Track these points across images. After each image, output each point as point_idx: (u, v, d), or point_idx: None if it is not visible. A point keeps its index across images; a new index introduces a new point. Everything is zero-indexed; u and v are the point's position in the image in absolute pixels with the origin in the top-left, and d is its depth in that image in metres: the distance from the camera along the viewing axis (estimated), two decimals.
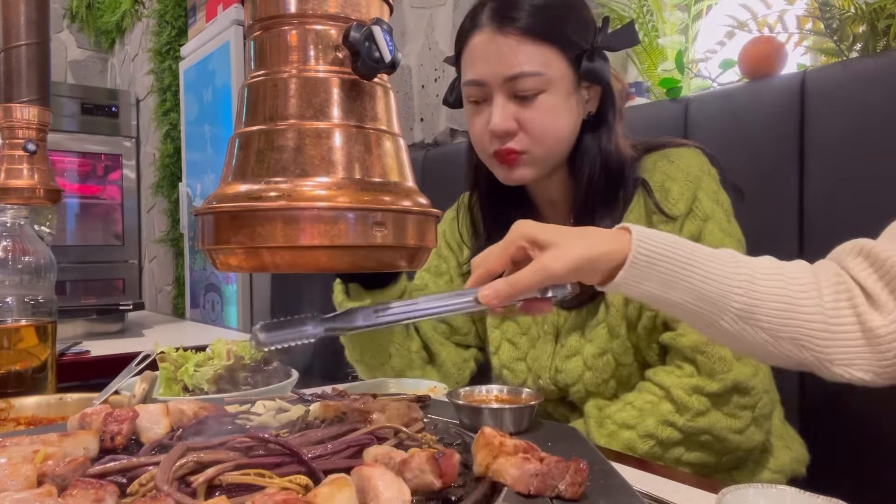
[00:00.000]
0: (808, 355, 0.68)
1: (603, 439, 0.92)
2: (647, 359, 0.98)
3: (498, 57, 0.94)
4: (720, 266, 0.67)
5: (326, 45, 0.52)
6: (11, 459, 0.51)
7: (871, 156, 1.05)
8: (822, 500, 0.52)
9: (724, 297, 0.66)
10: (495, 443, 0.54)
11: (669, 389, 0.91)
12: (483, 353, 1.20)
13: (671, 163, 0.97)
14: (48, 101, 1.28)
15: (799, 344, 0.67)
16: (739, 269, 0.67)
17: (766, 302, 0.66)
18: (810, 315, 0.67)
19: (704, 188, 0.95)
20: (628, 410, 0.93)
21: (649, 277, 0.67)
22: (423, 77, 2.23)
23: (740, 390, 0.90)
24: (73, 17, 4.78)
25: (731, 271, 0.67)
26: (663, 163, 0.98)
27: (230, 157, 0.54)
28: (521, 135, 0.95)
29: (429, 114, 2.21)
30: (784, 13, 1.41)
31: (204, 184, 3.33)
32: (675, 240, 0.68)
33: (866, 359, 0.66)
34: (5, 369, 1.02)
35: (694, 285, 0.66)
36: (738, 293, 0.66)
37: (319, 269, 0.51)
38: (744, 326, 0.67)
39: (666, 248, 0.67)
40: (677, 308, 0.69)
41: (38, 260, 1.04)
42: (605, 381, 0.98)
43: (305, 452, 0.54)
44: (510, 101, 0.95)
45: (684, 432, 0.89)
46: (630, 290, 0.68)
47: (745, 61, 1.29)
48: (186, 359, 1.03)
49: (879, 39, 1.20)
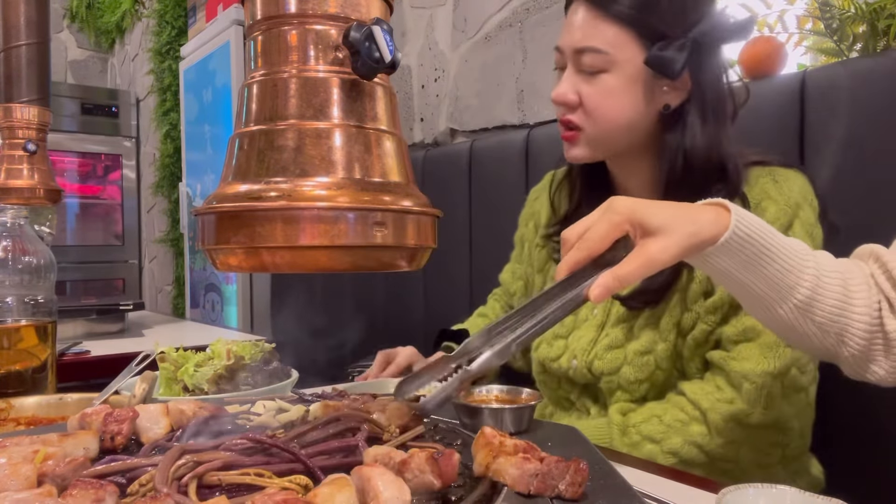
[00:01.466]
0: (844, 350, 0.71)
1: (624, 448, 0.90)
2: (687, 370, 0.96)
3: (575, 28, 0.96)
4: (795, 257, 0.68)
5: (326, 45, 0.52)
6: (11, 459, 0.51)
7: (871, 156, 1.05)
8: (823, 500, 0.52)
9: (792, 287, 0.68)
10: (495, 443, 0.54)
11: (706, 412, 0.88)
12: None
13: (775, 182, 0.93)
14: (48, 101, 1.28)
15: (841, 339, 0.70)
16: (808, 262, 0.69)
17: (825, 298, 0.69)
18: (859, 316, 0.69)
19: (802, 218, 0.91)
20: (655, 424, 0.90)
21: (733, 256, 0.67)
22: (423, 77, 2.23)
23: (779, 428, 0.88)
24: (73, 17, 4.77)
25: (802, 264, 0.68)
26: (766, 180, 0.93)
27: (230, 157, 0.54)
28: (581, 110, 0.97)
29: (429, 114, 2.21)
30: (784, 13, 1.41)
31: (204, 184, 3.33)
32: (765, 226, 0.68)
33: (882, 360, 0.71)
34: (5, 369, 1.02)
35: (769, 272, 0.68)
36: (804, 286, 0.68)
37: (319, 269, 0.51)
38: (797, 317, 0.70)
39: (758, 232, 0.67)
40: (743, 288, 0.70)
41: (38, 260, 1.04)
42: (639, 381, 0.96)
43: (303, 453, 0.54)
44: (577, 73, 0.96)
45: (711, 457, 0.87)
46: (706, 263, 0.68)
47: (745, 61, 1.29)
48: (186, 359, 1.03)
49: (879, 39, 1.20)
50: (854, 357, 0.71)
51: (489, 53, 1.97)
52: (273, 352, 1.09)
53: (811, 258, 0.70)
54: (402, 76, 2.29)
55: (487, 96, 1.98)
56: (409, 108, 2.28)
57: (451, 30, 2.11)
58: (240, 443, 0.56)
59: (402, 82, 2.29)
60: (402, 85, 2.29)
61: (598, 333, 1.02)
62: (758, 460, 0.88)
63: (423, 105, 2.24)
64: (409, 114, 2.28)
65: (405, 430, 0.64)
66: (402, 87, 2.29)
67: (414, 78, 2.27)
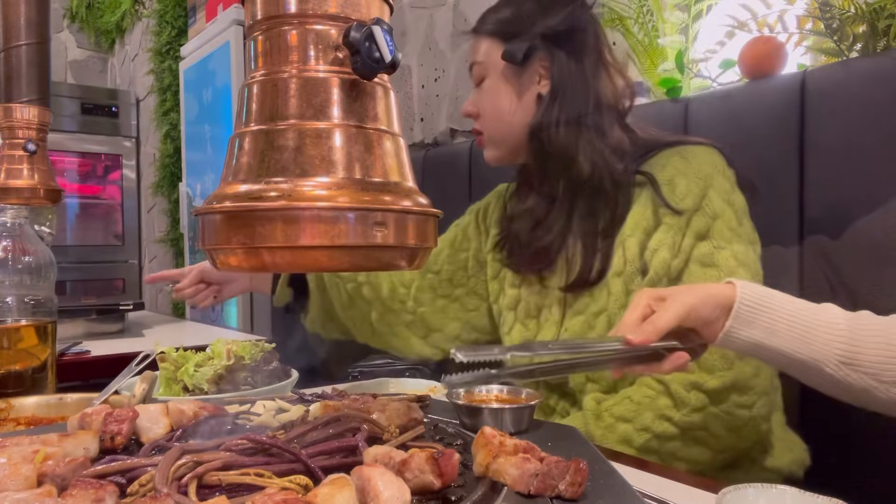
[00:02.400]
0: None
1: (599, 431, 0.93)
2: None
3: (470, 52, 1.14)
4: (821, 315, 0.72)
5: (326, 45, 0.52)
6: (11, 459, 0.51)
7: (871, 156, 1.05)
8: (823, 500, 0.52)
9: (827, 343, 0.70)
10: (495, 442, 0.54)
11: (668, 384, 0.91)
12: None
13: (684, 159, 0.99)
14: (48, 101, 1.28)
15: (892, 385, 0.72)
16: (838, 318, 0.72)
17: (867, 346, 0.71)
18: None
19: (716, 187, 0.96)
20: (626, 404, 0.93)
21: (754, 325, 0.71)
22: (423, 77, 2.23)
23: (739, 389, 0.90)
24: (73, 17, 4.77)
25: (830, 320, 0.72)
26: (676, 158, 0.99)
27: (230, 157, 0.54)
28: (481, 118, 1.13)
29: (429, 114, 2.21)
30: (784, 13, 1.41)
31: (204, 184, 3.33)
32: (776, 292, 0.73)
33: None
34: (5, 369, 1.02)
35: (797, 333, 0.71)
36: (840, 340, 0.70)
37: (319, 269, 0.51)
38: (848, 372, 0.71)
39: (768, 297, 0.72)
40: (783, 356, 0.73)
41: (38, 260, 1.04)
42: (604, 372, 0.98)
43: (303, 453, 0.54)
44: (475, 88, 1.14)
45: (680, 427, 0.90)
46: (737, 339, 0.72)
47: (745, 61, 1.29)
48: (186, 359, 1.03)
49: (879, 39, 1.20)
50: None
51: None
52: (273, 352, 1.09)
53: (840, 314, 0.73)
54: (402, 76, 2.29)
55: None
56: (409, 108, 2.28)
57: (450, 30, 2.11)
58: (240, 443, 0.56)
59: (402, 82, 2.29)
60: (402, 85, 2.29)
61: (559, 329, 1.06)
62: (726, 424, 0.90)
63: (423, 105, 2.24)
64: (409, 114, 2.28)
65: (405, 430, 0.64)
66: (402, 87, 2.29)
67: (414, 78, 2.27)
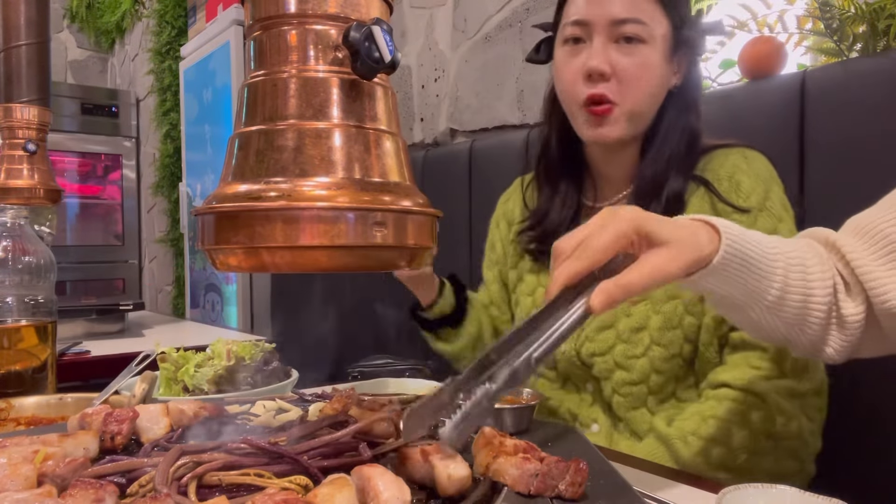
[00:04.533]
0: (802, 338, 0.72)
1: (688, 457, 0.85)
2: (707, 355, 0.93)
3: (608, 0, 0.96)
4: (767, 261, 0.68)
5: (326, 45, 0.52)
6: (11, 459, 0.51)
7: (871, 156, 1.05)
8: (823, 500, 0.52)
9: (764, 291, 0.68)
10: (495, 443, 0.54)
11: (765, 396, 0.85)
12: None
13: (745, 159, 0.97)
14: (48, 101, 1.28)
15: (801, 329, 0.71)
16: (777, 264, 0.68)
17: (791, 296, 0.69)
18: (818, 306, 0.70)
19: (775, 191, 0.95)
20: (712, 425, 0.86)
21: (717, 275, 0.66)
22: (423, 77, 2.23)
23: (820, 391, 0.87)
24: (73, 17, 4.77)
25: (772, 266, 0.68)
26: (737, 158, 0.97)
27: (230, 157, 0.54)
28: (614, 82, 0.95)
29: (429, 114, 2.21)
30: (784, 13, 1.41)
31: (204, 184, 3.33)
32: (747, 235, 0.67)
33: (835, 339, 0.72)
34: (5, 369, 1.01)
35: (746, 282, 0.67)
36: (775, 288, 0.68)
37: (319, 269, 0.51)
38: (767, 317, 0.70)
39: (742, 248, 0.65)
40: (721, 299, 0.70)
41: (38, 260, 1.04)
42: (636, 357, 0.94)
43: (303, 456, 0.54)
44: (610, 45, 0.96)
45: (776, 438, 0.84)
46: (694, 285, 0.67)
47: (745, 61, 1.29)
48: (187, 359, 1.03)
49: (879, 39, 1.20)
50: (811, 342, 0.72)
51: (489, 53, 1.97)
52: (273, 352, 1.09)
53: (780, 258, 0.68)
54: (402, 76, 2.29)
55: (487, 96, 1.98)
56: (409, 108, 2.28)
57: (451, 30, 2.11)
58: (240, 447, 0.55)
59: (402, 82, 2.29)
60: (402, 85, 2.29)
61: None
62: (811, 428, 0.86)
63: (423, 105, 2.24)
64: (409, 114, 2.28)
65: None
66: (402, 87, 2.29)
67: (414, 78, 2.27)
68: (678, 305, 0.94)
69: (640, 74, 0.95)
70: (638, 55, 0.95)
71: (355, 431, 0.60)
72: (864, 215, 0.73)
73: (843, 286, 0.72)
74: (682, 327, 0.94)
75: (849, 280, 0.71)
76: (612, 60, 0.95)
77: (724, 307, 0.72)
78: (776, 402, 0.84)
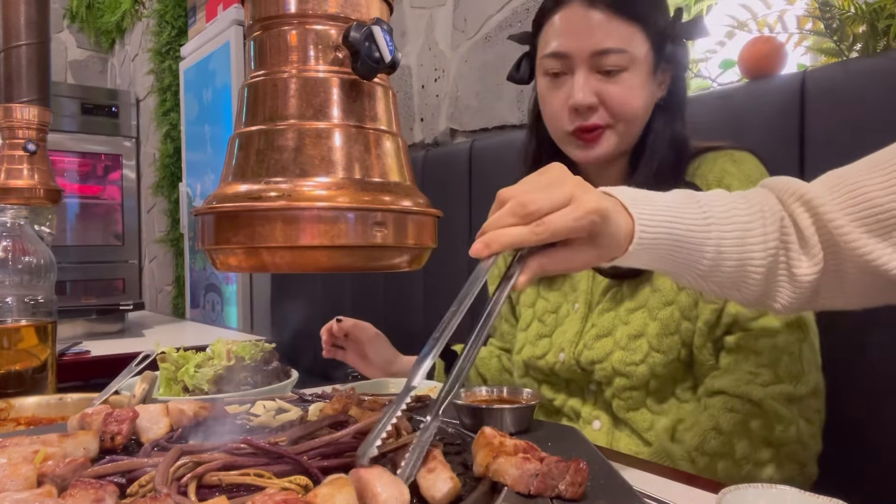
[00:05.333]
0: (739, 295, 0.72)
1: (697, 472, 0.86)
2: (699, 357, 0.93)
3: (586, 31, 0.96)
4: (697, 236, 0.66)
5: (326, 45, 0.52)
6: (11, 459, 0.51)
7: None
8: (823, 500, 0.52)
9: (695, 262, 0.67)
10: (495, 443, 0.54)
11: (761, 402, 0.85)
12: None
13: (734, 162, 0.96)
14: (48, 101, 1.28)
15: (738, 289, 0.71)
16: (710, 233, 0.67)
17: (725, 262, 0.68)
18: (757, 269, 0.69)
19: None
20: (713, 439, 0.86)
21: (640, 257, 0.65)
22: (423, 77, 2.23)
23: (817, 393, 0.87)
24: (73, 17, 4.77)
25: (702, 239, 0.66)
26: (725, 161, 0.97)
27: (230, 157, 0.54)
28: (602, 110, 0.97)
29: (429, 114, 2.21)
30: (784, 13, 1.41)
31: (204, 184, 3.33)
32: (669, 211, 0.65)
33: (785, 294, 0.71)
34: (5, 369, 1.02)
35: (674, 257, 0.67)
36: (706, 259, 0.67)
37: (319, 269, 0.51)
38: (700, 282, 0.70)
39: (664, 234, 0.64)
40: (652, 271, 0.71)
41: (38, 260, 1.04)
42: (634, 364, 0.94)
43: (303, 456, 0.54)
44: (593, 75, 0.96)
45: (776, 444, 0.84)
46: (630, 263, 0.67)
47: (745, 61, 1.29)
48: (187, 359, 1.03)
49: (879, 39, 1.20)
50: (753, 298, 0.72)
51: (489, 53, 1.97)
52: (273, 352, 1.09)
53: (714, 227, 0.67)
54: (402, 76, 2.29)
55: (487, 96, 1.97)
56: (409, 108, 2.28)
57: (451, 30, 2.11)
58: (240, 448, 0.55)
59: (402, 82, 2.29)
60: (402, 85, 2.29)
61: (584, 325, 1.02)
62: (810, 431, 0.86)
63: (423, 105, 2.24)
64: (409, 114, 2.28)
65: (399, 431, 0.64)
66: (402, 87, 2.29)
67: (414, 78, 2.27)
68: (675, 311, 0.94)
69: (628, 100, 0.96)
70: (622, 83, 0.96)
71: (355, 431, 0.60)
72: (846, 173, 0.71)
73: (796, 242, 0.70)
74: (679, 333, 0.94)
75: (808, 236, 0.69)
76: (598, 90, 0.96)
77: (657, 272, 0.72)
78: (773, 409, 0.84)
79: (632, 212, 0.64)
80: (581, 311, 1.04)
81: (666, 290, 0.95)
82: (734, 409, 0.86)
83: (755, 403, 0.85)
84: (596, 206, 0.59)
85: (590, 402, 1.04)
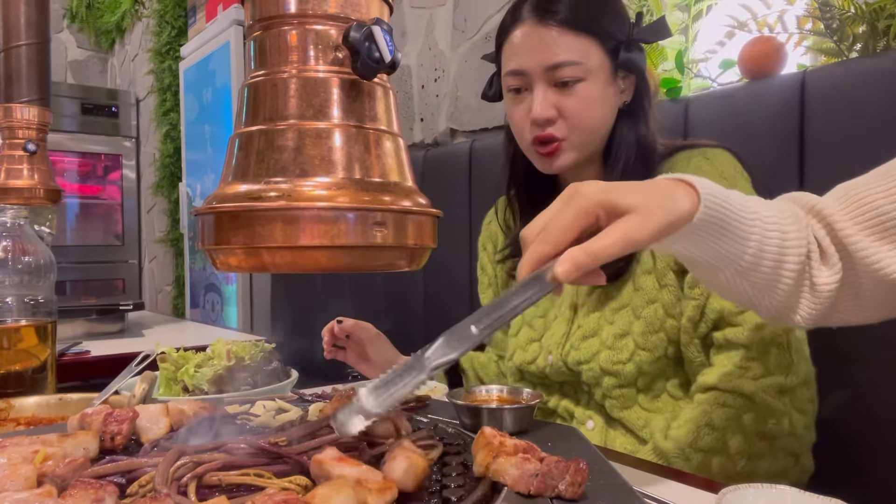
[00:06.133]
0: (767, 301, 0.71)
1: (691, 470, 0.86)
2: (686, 354, 0.94)
3: (540, 47, 0.98)
4: (744, 227, 0.65)
5: (326, 45, 0.52)
6: (11, 459, 0.51)
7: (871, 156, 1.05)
8: (823, 500, 0.52)
9: (739, 255, 0.65)
10: (495, 443, 0.54)
11: (750, 396, 0.85)
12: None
13: (707, 160, 0.97)
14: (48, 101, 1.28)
15: (770, 294, 0.70)
16: (753, 228, 0.65)
17: (764, 261, 0.67)
18: (789, 273, 0.68)
19: (739, 188, 0.92)
20: (706, 435, 0.87)
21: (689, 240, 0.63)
22: (423, 77, 2.23)
23: (808, 382, 0.87)
24: (73, 17, 4.77)
25: (748, 231, 0.65)
26: (699, 159, 0.97)
27: (230, 157, 0.54)
28: (561, 122, 0.99)
29: (429, 114, 2.21)
30: (784, 13, 1.41)
31: (204, 184, 3.33)
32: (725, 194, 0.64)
33: (806, 305, 0.70)
34: (5, 369, 1.02)
35: (720, 246, 0.65)
36: (748, 253, 0.66)
37: (319, 269, 0.51)
38: (737, 280, 0.68)
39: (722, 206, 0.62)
40: (690, 260, 0.68)
41: (38, 260, 1.04)
42: (622, 363, 0.95)
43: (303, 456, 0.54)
44: (550, 89, 0.99)
45: (769, 437, 0.84)
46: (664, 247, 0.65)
47: (745, 61, 1.29)
48: (187, 359, 1.03)
49: (879, 39, 1.20)
50: (778, 307, 0.71)
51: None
52: (273, 352, 1.09)
53: (758, 222, 0.66)
54: (402, 76, 2.29)
55: None
56: (409, 108, 2.28)
57: (451, 30, 2.11)
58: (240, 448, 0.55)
59: (402, 82, 2.29)
60: (402, 85, 2.29)
61: (570, 327, 1.04)
62: (803, 422, 0.86)
63: (423, 105, 2.24)
64: (409, 114, 2.28)
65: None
66: (402, 87, 2.29)
67: (414, 78, 2.27)
68: (658, 309, 0.95)
69: (586, 111, 0.99)
70: (579, 94, 0.98)
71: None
72: (855, 184, 0.71)
73: (817, 253, 0.70)
74: (664, 330, 0.95)
75: (825, 247, 0.69)
76: (556, 104, 0.99)
77: (695, 267, 0.71)
78: (765, 402, 0.85)
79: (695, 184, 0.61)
80: (567, 313, 1.05)
81: (648, 288, 0.96)
82: (726, 405, 0.87)
83: (747, 397, 0.86)
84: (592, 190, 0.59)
85: (583, 402, 1.04)
